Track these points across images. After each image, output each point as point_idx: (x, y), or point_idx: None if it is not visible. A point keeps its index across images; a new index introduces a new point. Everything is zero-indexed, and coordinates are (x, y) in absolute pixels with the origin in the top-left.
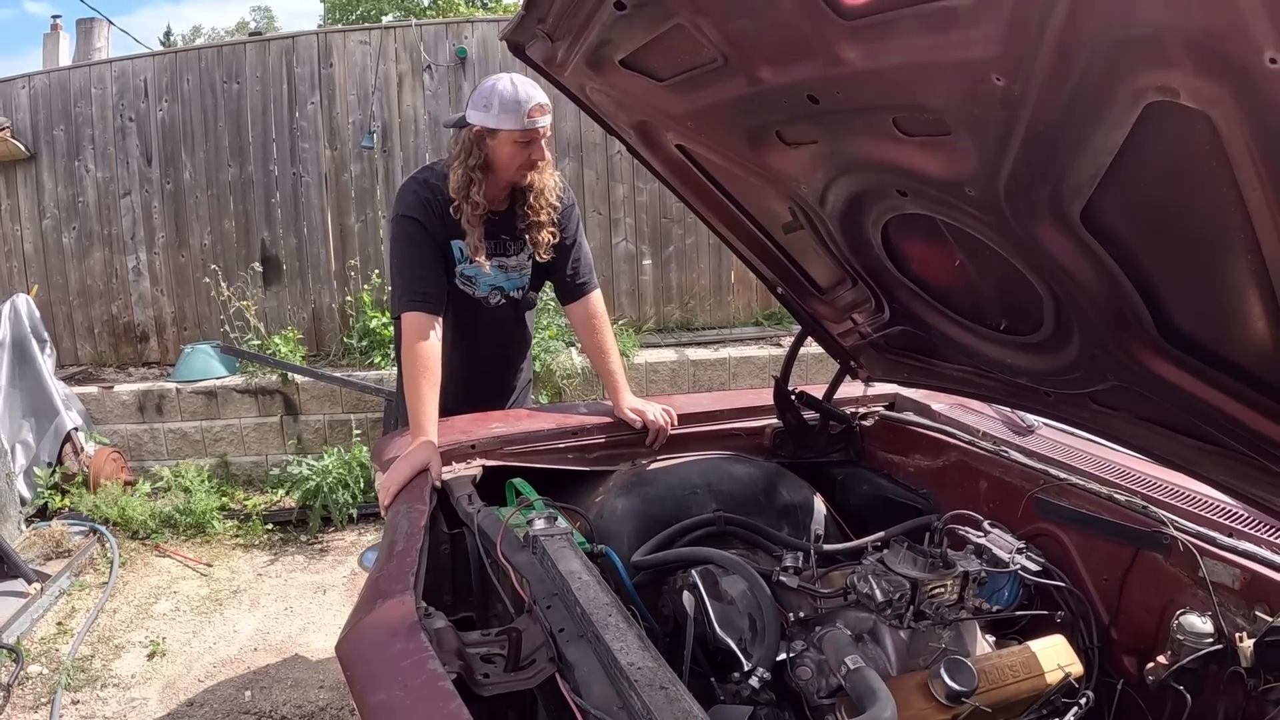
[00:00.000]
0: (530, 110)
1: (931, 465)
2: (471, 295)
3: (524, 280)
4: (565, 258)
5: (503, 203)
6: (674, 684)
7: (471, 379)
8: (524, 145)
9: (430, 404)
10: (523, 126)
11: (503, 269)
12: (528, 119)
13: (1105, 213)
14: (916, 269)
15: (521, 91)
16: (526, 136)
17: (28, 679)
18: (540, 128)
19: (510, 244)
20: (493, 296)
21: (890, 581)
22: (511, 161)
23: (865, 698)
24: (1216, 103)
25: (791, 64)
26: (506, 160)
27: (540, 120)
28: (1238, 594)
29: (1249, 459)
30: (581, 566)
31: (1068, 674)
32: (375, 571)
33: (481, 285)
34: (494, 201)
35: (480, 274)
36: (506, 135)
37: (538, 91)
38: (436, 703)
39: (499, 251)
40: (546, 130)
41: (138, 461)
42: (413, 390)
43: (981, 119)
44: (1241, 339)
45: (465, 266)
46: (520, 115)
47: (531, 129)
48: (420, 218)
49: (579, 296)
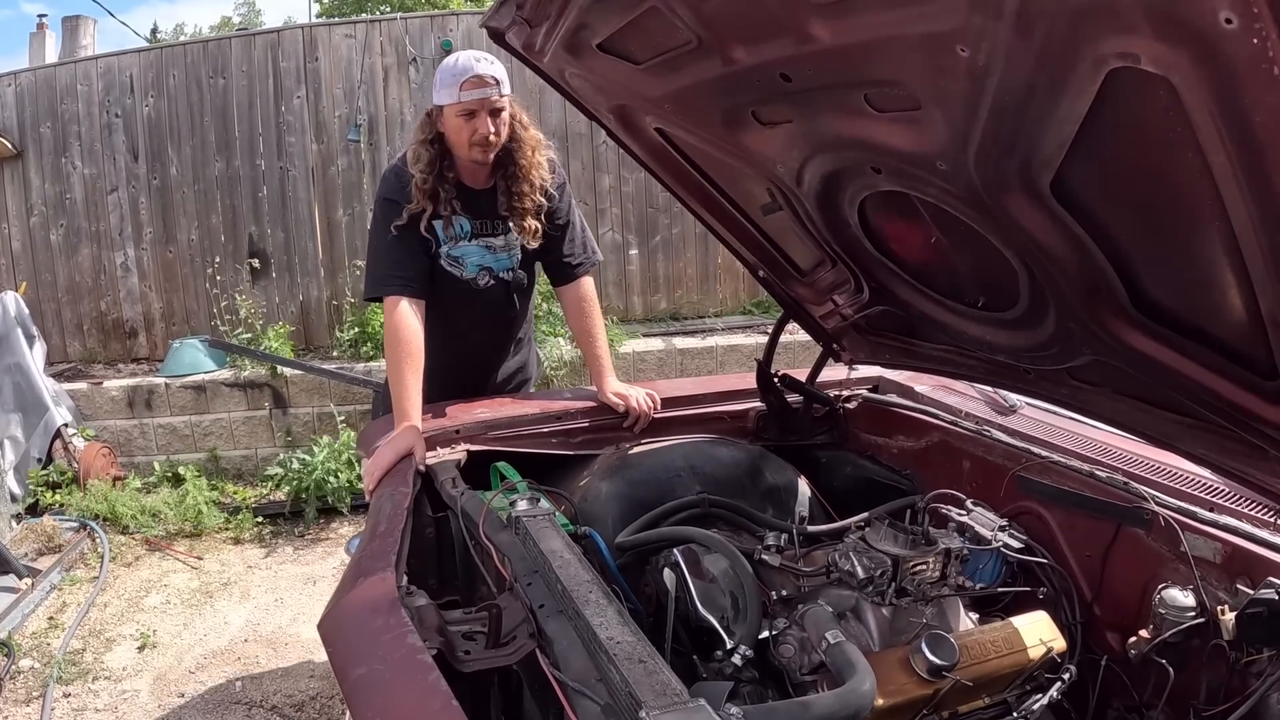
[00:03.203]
0: (466, 82)
1: (914, 446)
2: (460, 277)
3: (513, 261)
4: (560, 239)
5: (485, 182)
6: (653, 658)
7: (464, 364)
8: (468, 118)
9: (413, 388)
10: (457, 99)
11: (489, 249)
12: (462, 91)
13: (1074, 183)
14: (894, 247)
15: (461, 64)
16: (465, 109)
17: (19, 673)
18: (479, 98)
19: (497, 224)
20: (481, 277)
21: (872, 559)
22: (459, 136)
23: (845, 670)
24: (1176, 67)
25: (763, 43)
26: (455, 136)
27: (477, 92)
28: (1219, 568)
29: (1227, 432)
30: (563, 545)
31: (1050, 649)
32: (358, 553)
33: (469, 266)
34: (473, 180)
35: (466, 253)
36: (450, 110)
37: (482, 64)
38: (415, 675)
39: (484, 231)
40: (494, 101)
41: (127, 457)
42: (395, 374)
43: (948, 91)
44: (1214, 309)
45: (450, 247)
46: (455, 88)
47: (469, 100)
48: (397, 197)
49: (572, 279)
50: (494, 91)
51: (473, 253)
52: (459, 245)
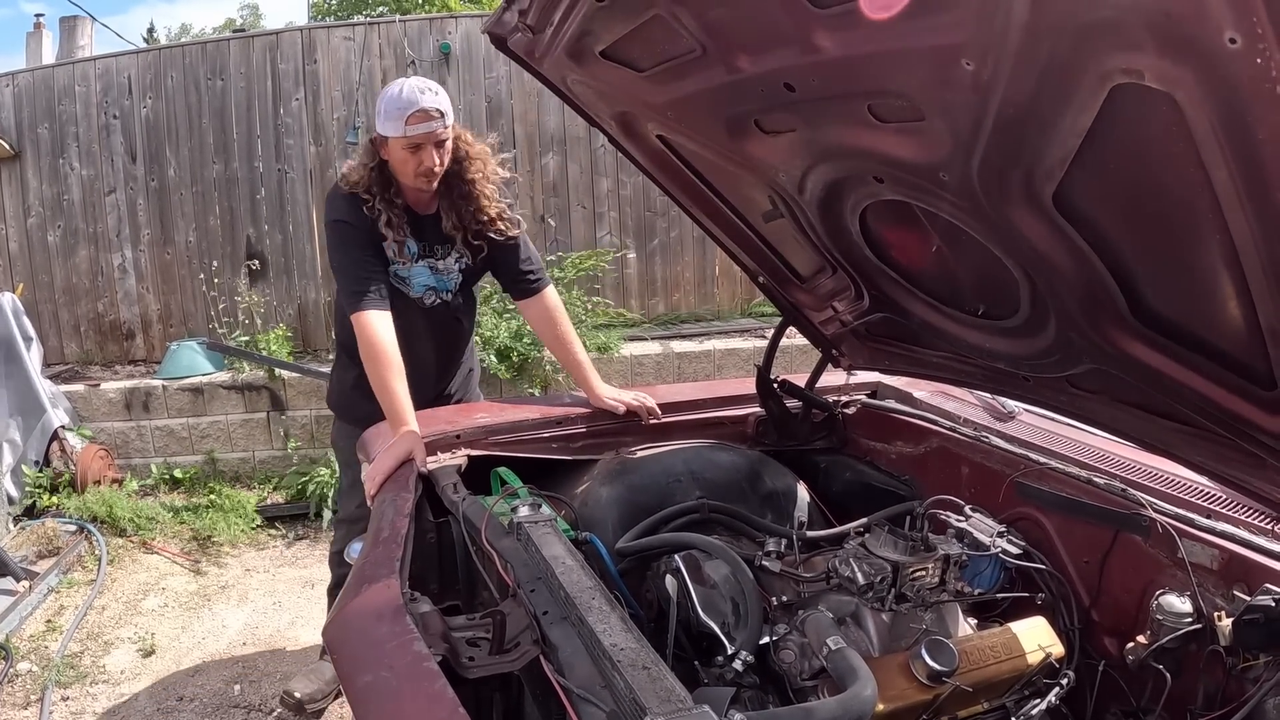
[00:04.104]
0: (411, 116)
1: (913, 452)
2: (407, 295)
3: (453, 283)
4: (514, 258)
5: (429, 205)
6: (656, 664)
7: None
8: (413, 151)
9: (403, 394)
10: (403, 134)
11: (434, 270)
12: (407, 125)
13: (1076, 195)
14: (895, 255)
15: (405, 97)
16: (411, 143)
17: (17, 676)
18: (424, 133)
19: (439, 248)
20: (428, 297)
21: (872, 565)
22: (403, 167)
23: (846, 677)
24: (1180, 84)
25: (768, 53)
26: (399, 166)
27: (422, 127)
28: (1216, 574)
29: (1225, 440)
30: (565, 551)
31: (1049, 654)
32: (361, 558)
33: (415, 285)
34: (418, 205)
35: (413, 274)
36: (395, 142)
37: (427, 96)
38: (422, 682)
39: (428, 254)
40: (437, 135)
41: (125, 459)
42: (381, 385)
43: (953, 104)
44: (1214, 319)
45: (398, 266)
46: (400, 121)
47: (415, 135)
48: (350, 219)
49: (535, 293)
50: (439, 125)
51: (419, 273)
52: (406, 266)
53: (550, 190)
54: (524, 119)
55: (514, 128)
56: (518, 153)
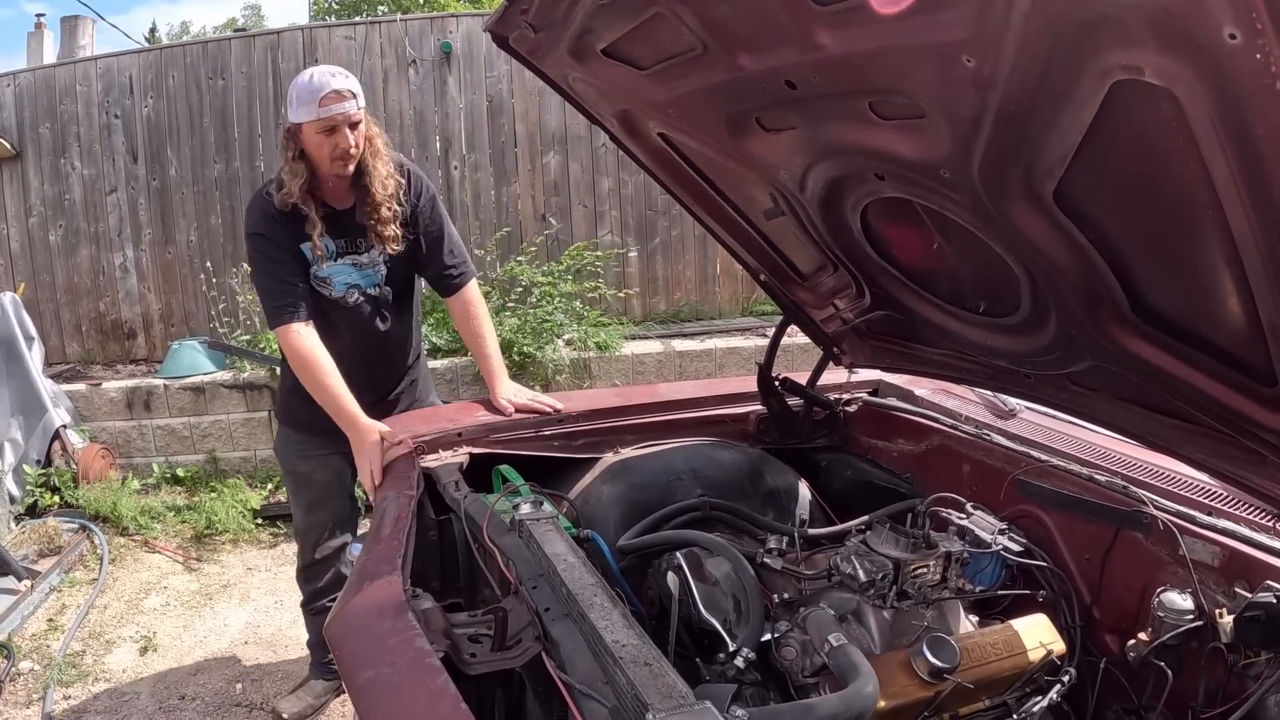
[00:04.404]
0: (324, 98)
1: (914, 450)
2: (328, 296)
3: (378, 276)
4: (437, 251)
5: (346, 199)
6: (658, 660)
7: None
8: (328, 135)
9: (341, 392)
10: (316, 116)
11: (357, 266)
12: (320, 107)
13: (1077, 192)
14: (896, 253)
15: (316, 80)
16: (324, 125)
17: (19, 675)
18: (337, 114)
19: (360, 241)
20: (350, 295)
21: (873, 562)
22: (320, 152)
23: (848, 673)
24: (1180, 80)
25: (769, 50)
26: (316, 152)
27: (336, 108)
28: (1217, 571)
29: (1226, 436)
30: (567, 549)
31: (1050, 652)
32: (363, 555)
33: (337, 285)
34: (335, 199)
35: (333, 273)
36: (309, 126)
37: (338, 79)
38: (424, 678)
39: (350, 250)
40: (351, 116)
41: (126, 459)
42: (320, 389)
43: (954, 101)
44: (1215, 316)
45: (317, 268)
46: (314, 105)
47: (328, 117)
48: (266, 231)
49: (456, 290)
50: (352, 105)
51: (340, 271)
52: (325, 265)
53: (551, 189)
54: (525, 118)
55: (515, 126)
56: (519, 151)
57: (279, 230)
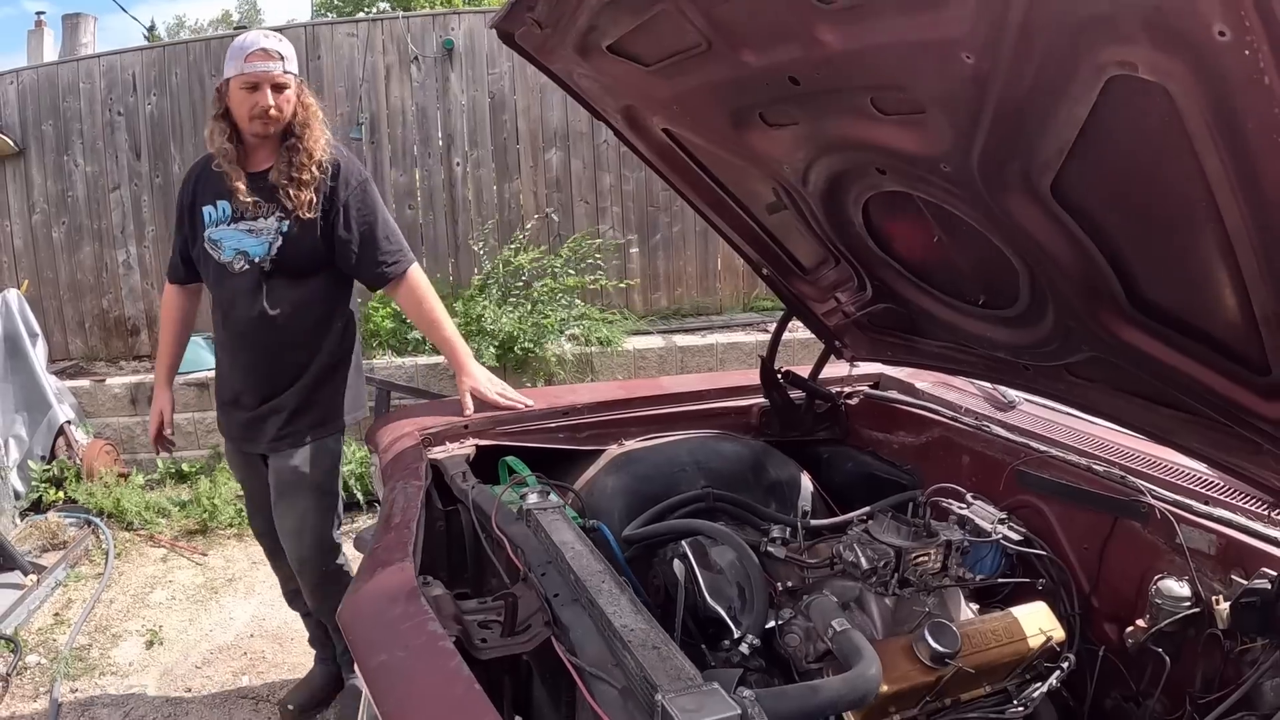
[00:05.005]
0: (250, 55)
1: (915, 442)
2: (218, 260)
3: (267, 246)
4: (371, 239)
5: (261, 162)
6: (666, 644)
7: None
8: (250, 91)
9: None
10: (240, 71)
11: (251, 232)
12: (246, 63)
13: (1074, 185)
14: (897, 246)
15: (248, 39)
16: (248, 81)
17: (26, 669)
18: (260, 71)
19: (260, 206)
20: (236, 261)
21: (875, 550)
22: (241, 108)
23: (851, 656)
24: (1172, 75)
25: (773, 47)
26: (238, 108)
27: (260, 65)
28: (1214, 559)
29: (1221, 426)
30: (575, 537)
31: (1050, 638)
32: (373, 543)
33: (226, 249)
34: (250, 162)
35: (224, 237)
36: (235, 83)
37: (270, 40)
38: (437, 661)
39: (248, 215)
40: (276, 76)
41: (130, 454)
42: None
43: (954, 96)
44: (1209, 306)
45: (212, 230)
46: (240, 60)
47: (251, 73)
48: (178, 197)
49: (397, 278)
50: (277, 66)
51: (231, 236)
52: (219, 229)
53: (553, 185)
54: (527, 114)
55: (517, 123)
56: (522, 148)
57: (185, 192)
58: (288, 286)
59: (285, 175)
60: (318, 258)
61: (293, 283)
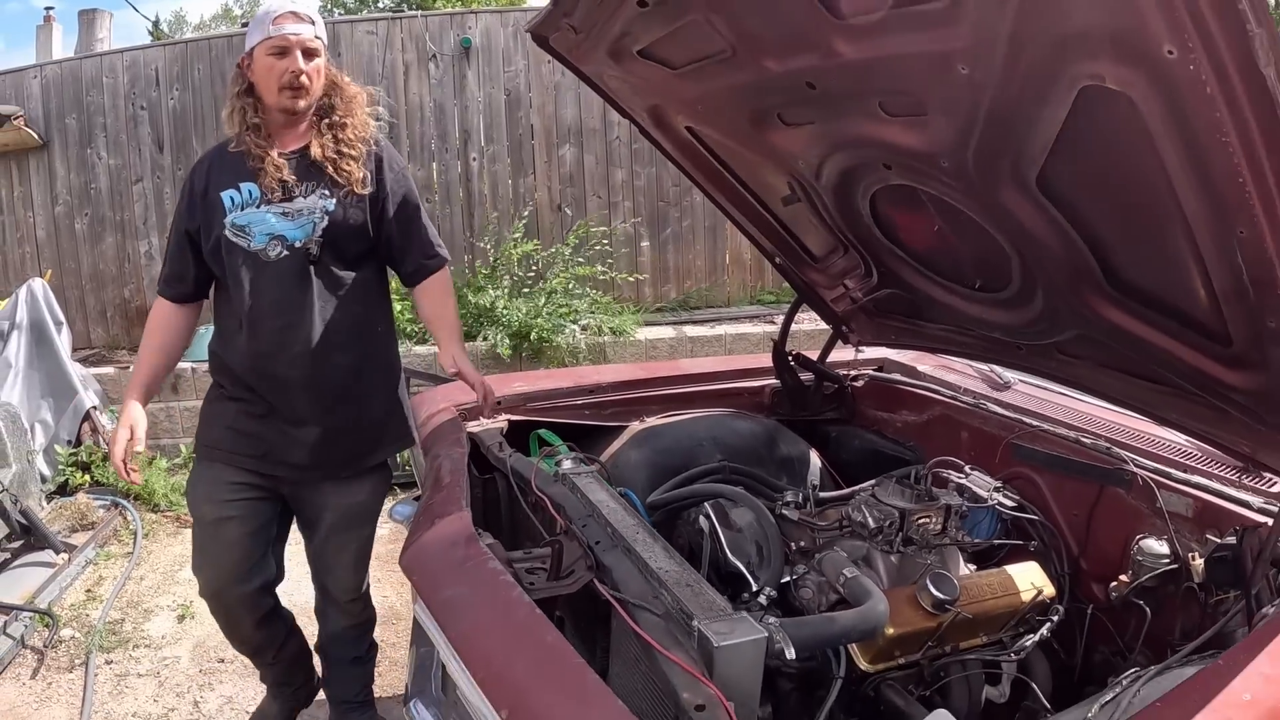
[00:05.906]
0: (277, 18)
1: (917, 420)
2: (246, 249)
3: (312, 227)
4: (418, 228)
5: (293, 141)
6: (699, 582)
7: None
8: (278, 57)
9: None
10: (267, 35)
11: (286, 215)
12: (273, 26)
13: (1056, 178)
14: (901, 235)
15: (274, 4)
16: (275, 46)
17: (60, 642)
18: (289, 34)
19: (297, 186)
20: (271, 248)
21: (881, 511)
22: (268, 78)
23: (861, 596)
24: (1133, 85)
25: (793, 55)
26: (264, 79)
27: (289, 26)
28: (1191, 521)
29: (1195, 396)
30: (609, 497)
31: (1041, 592)
32: (425, 501)
33: (258, 236)
34: (284, 138)
35: (254, 220)
36: (260, 51)
37: (299, 3)
38: (500, 593)
39: (283, 196)
40: (307, 41)
41: (154, 440)
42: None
43: (951, 101)
44: (1178, 286)
45: (236, 215)
46: (266, 24)
47: (279, 36)
48: (184, 189)
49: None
50: (308, 30)
51: (260, 220)
52: (244, 212)
53: (567, 180)
54: (542, 111)
55: (532, 120)
56: (536, 144)
57: (197, 180)
58: (335, 273)
59: (333, 150)
60: (364, 243)
61: (341, 272)
